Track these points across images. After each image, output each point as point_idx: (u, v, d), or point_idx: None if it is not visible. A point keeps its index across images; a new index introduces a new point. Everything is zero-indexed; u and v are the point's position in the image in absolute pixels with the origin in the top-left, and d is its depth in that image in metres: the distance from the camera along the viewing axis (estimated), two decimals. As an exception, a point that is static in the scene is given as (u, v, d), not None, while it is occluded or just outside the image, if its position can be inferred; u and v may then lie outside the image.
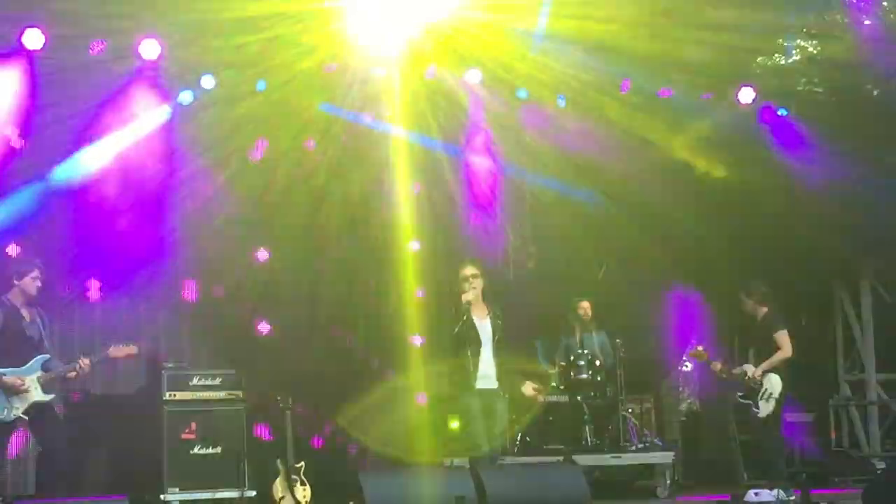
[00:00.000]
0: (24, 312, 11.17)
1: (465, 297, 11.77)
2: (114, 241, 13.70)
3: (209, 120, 13.88)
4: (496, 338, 11.89)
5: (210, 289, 14.53)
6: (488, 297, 12.10)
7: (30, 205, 12.94)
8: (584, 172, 15.31)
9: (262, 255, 14.74)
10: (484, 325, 11.91)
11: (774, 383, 12.85)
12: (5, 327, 11.04)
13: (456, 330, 11.72)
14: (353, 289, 15.05)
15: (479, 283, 11.89)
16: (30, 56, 12.68)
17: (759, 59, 15.55)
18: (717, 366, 13.41)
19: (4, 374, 10.92)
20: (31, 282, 11.16)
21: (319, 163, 14.67)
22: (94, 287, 13.80)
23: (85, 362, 11.34)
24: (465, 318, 11.71)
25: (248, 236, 14.73)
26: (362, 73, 13.88)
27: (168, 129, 13.76)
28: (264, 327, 14.69)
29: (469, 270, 11.93)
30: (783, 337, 12.98)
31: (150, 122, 13.62)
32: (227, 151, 14.22)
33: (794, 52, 15.52)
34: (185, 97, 13.57)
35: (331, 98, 14.22)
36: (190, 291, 14.43)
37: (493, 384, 11.85)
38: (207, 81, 13.55)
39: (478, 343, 11.80)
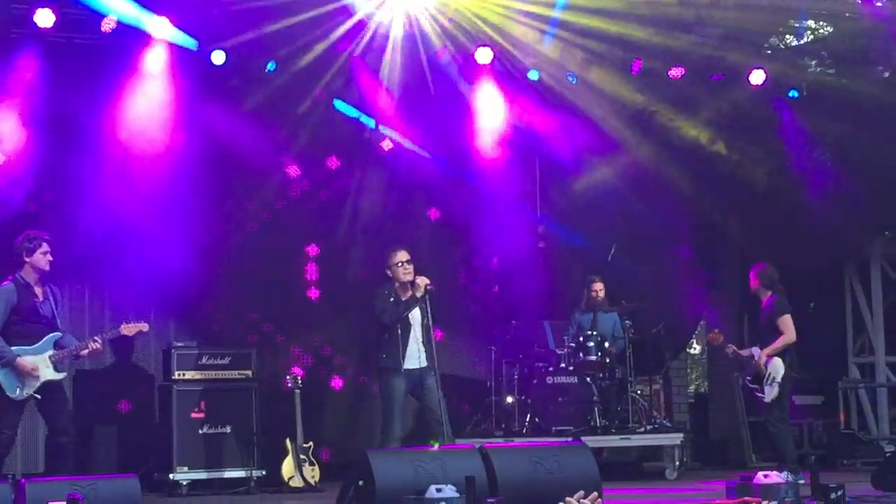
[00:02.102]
0: (37, 290, 11.16)
1: (423, 281, 12.02)
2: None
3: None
4: (423, 321, 12.11)
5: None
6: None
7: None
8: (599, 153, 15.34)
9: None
10: (412, 311, 12.18)
11: (777, 367, 12.84)
12: (19, 305, 11.04)
13: (406, 313, 12.02)
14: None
15: (412, 267, 12.13)
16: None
17: (770, 40, 15.54)
18: (731, 350, 13.41)
19: (20, 356, 10.92)
20: (42, 257, 11.14)
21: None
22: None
23: (98, 341, 11.35)
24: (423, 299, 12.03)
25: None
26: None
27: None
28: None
29: (405, 255, 12.20)
30: (786, 322, 12.96)
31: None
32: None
33: (805, 33, 15.50)
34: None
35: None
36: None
37: (423, 363, 12.11)
38: (218, 57, 13.55)
39: (407, 325, 12.09)
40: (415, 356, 12.11)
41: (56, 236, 11.42)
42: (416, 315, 12.14)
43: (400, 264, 12.13)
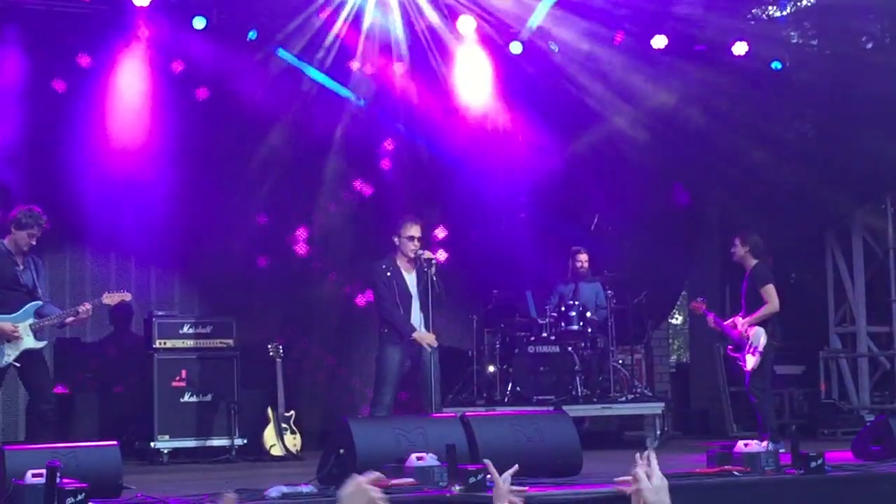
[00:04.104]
0: (18, 259, 11.13)
1: (427, 255, 12.06)
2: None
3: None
4: (421, 291, 12.10)
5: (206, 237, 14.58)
6: None
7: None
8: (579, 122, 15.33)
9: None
10: (411, 280, 12.17)
11: (759, 336, 12.84)
12: (-1, 273, 11.04)
13: (420, 287, 12.08)
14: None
15: (420, 244, 12.15)
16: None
17: (753, 10, 15.54)
18: (711, 320, 13.43)
19: (-2, 323, 10.91)
20: (26, 237, 11.08)
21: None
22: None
23: (86, 307, 11.33)
24: (433, 275, 12.01)
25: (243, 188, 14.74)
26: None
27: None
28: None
29: (417, 231, 12.16)
30: (770, 291, 12.96)
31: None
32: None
33: (788, 4, 15.50)
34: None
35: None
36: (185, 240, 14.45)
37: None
38: (198, 22, 13.48)
39: (409, 296, 12.11)
40: (417, 329, 12.14)
41: (38, 205, 11.36)
42: (416, 286, 12.17)
43: (410, 238, 12.11)
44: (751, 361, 12.83)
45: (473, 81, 14.85)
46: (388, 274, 12.09)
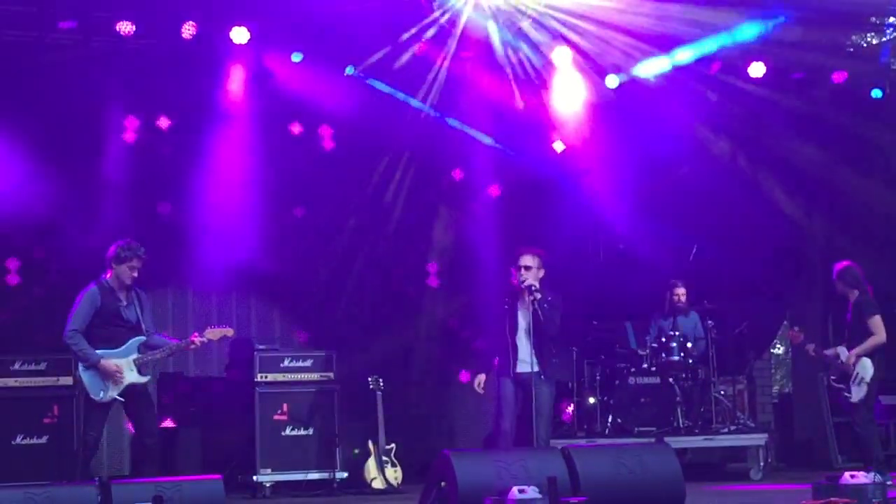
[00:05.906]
0: (121, 294, 11.26)
1: (530, 281, 11.93)
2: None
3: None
4: (534, 325, 11.95)
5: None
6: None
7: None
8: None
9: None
10: (525, 313, 12.07)
11: (866, 367, 12.71)
12: (102, 309, 11.14)
13: (532, 321, 11.95)
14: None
15: (531, 274, 12.00)
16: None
17: (852, 37, 15.43)
18: (811, 348, 13.30)
19: (102, 357, 11.04)
20: (127, 270, 11.20)
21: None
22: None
23: (200, 337, 11.45)
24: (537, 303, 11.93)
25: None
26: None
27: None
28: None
29: (524, 260, 12.06)
30: (876, 322, 12.82)
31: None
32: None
33: (888, 31, 15.38)
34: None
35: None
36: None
37: (535, 368, 11.92)
38: (296, 57, 13.61)
39: (518, 331, 12.06)
40: (527, 361, 11.97)
41: (141, 242, 11.50)
42: (527, 319, 12.10)
43: (518, 268, 12.09)
44: (857, 393, 12.70)
45: (572, 109, 14.82)
46: (506, 307, 12.08)
